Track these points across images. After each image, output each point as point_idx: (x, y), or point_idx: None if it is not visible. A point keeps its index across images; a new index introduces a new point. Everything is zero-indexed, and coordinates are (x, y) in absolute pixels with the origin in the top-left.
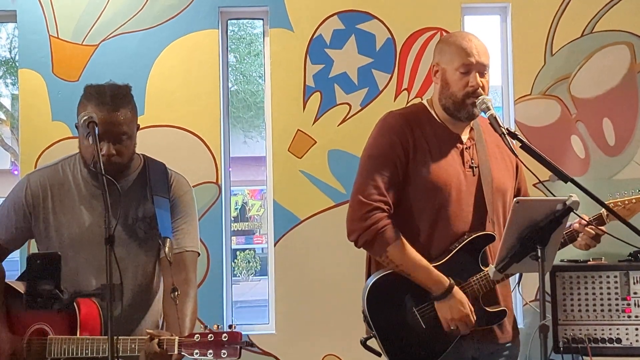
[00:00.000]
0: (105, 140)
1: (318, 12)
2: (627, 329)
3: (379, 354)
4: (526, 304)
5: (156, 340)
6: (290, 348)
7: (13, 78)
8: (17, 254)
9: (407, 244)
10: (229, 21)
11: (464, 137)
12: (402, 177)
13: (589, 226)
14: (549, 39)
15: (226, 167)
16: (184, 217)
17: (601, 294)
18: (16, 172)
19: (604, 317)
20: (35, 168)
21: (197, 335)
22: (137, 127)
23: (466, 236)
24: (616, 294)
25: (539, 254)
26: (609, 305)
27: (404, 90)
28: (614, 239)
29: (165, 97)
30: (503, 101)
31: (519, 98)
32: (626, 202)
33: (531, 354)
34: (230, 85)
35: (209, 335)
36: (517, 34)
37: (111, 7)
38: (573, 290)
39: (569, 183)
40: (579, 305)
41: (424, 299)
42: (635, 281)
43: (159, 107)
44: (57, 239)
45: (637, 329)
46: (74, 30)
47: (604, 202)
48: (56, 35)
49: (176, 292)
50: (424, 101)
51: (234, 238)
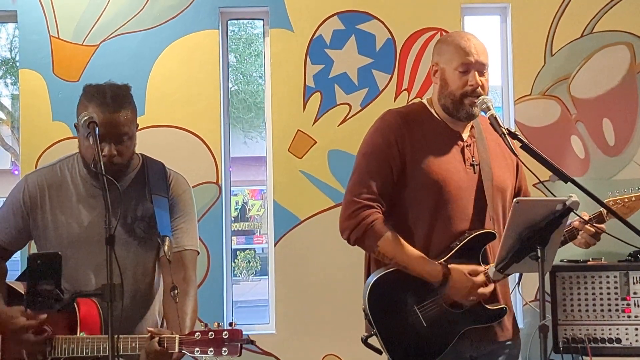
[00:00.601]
0: (106, 142)
1: (318, 13)
2: (626, 329)
3: (380, 352)
4: (526, 304)
5: (156, 339)
6: (291, 348)
7: (13, 78)
8: (17, 254)
9: (398, 236)
10: (229, 21)
11: (465, 134)
12: (396, 175)
13: (588, 224)
14: (549, 39)
15: (226, 167)
16: (183, 216)
17: (601, 294)
18: (16, 172)
19: (603, 317)
20: (36, 168)
21: (197, 334)
22: (137, 127)
23: (467, 234)
24: (616, 294)
25: (539, 254)
26: (609, 305)
27: (404, 90)
28: (614, 239)
29: (165, 98)
30: (503, 101)
31: (519, 98)
32: (626, 200)
33: (531, 354)
34: (230, 85)
35: (210, 333)
36: (517, 34)
37: (111, 7)
38: (573, 290)
39: (569, 183)
40: (579, 305)
41: (426, 297)
42: (635, 281)
43: (159, 107)
44: (55, 238)
45: (637, 329)
46: (75, 30)
47: (604, 202)
48: (57, 36)
49: (176, 291)
50: (424, 100)
51: (234, 238)
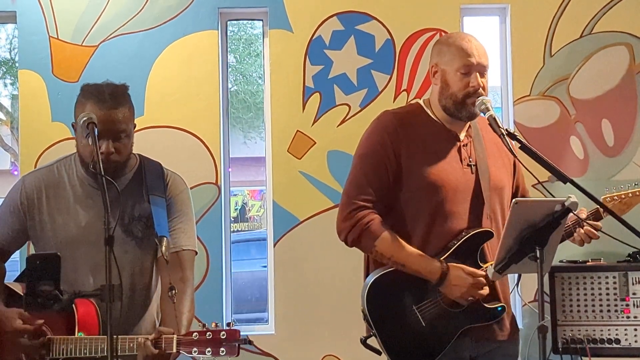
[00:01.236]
0: (104, 139)
1: (317, 13)
2: (626, 330)
3: (379, 353)
4: (525, 304)
5: (152, 343)
6: (290, 348)
7: (13, 78)
8: (17, 255)
9: (395, 236)
10: (228, 22)
11: (462, 135)
12: (392, 176)
13: (585, 225)
14: (548, 39)
15: (226, 167)
16: (180, 216)
17: (600, 294)
18: (16, 173)
19: (602, 317)
20: (35, 169)
21: (195, 334)
22: (134, 126)
23: (464, 233)
24: (615, 294)
25: (538, 255)
26: (608, 305)
27: (403, 91)
28: (613, 239)
29: (164, 98)
30: (502, 102)
31: (518, 99)
32: (622, 196)
33: (530, 355)
34: (229, 85)
35: (208, 333)
36: (516, 35)
37: (111, 8)
38: (572, 291)
39: (568, 184)
40: (578, 306)
41: (424, 296)
42: (634, 282)
43: (158, 108)
44: (53, 239)
45: (636, 330)
46: (74, 31)
47: (603, 204)
48: (56, 36)
49: (173, 291)
50: (420, 101)
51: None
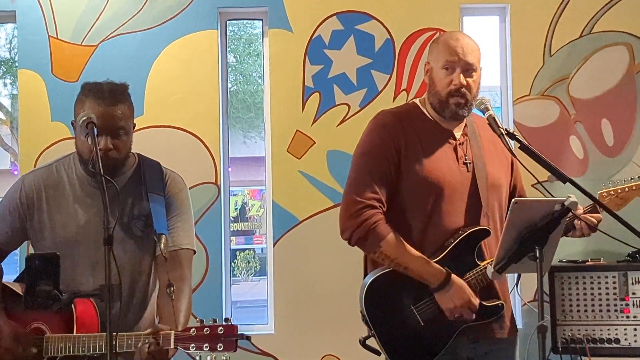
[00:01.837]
0: (103, 135)
1: (317, 13)
2: (625, 329)
3: (378, 353)
4: (525, 304)
5: (147, 344)
6: (289, 348)
7: (12, 78)
8: (16, 254)
9: (400, 238)
10: (228, 22)
11: (457, 133)
12: (394, 174)
13: (582, 218)
14: (548, 39)
15: (225, 167)
16: (179, 215)
17: (600, 294)
18: (16, 172)
19: (602, 317)
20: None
21: (193, 330)
22: (133, 125)
23: (461, 232)
24: (614, 294)
25: (537, 255)
26: (608, 305)
27: (402, 90)
28: (613, 239)
29: (164, 98)
30: (502, 101)
31: (518, 98)
32: (619, 191)
33: (529, 355)
34: (229, 85)
35: (205, 329)
36: (516, 35)
37: (110, 7)
38: (572, 291)
39: (568, 183)
40: (578, 306)
41: (422, 296)
42: (634, 281)
43: (158, 107)
44: (52, 238)
45: (636, 329)
46: (74, 30)
47: (603, 203)
48: (55, 36)
49: (172, 288)
50: (417, 100)
51: (233, 238)
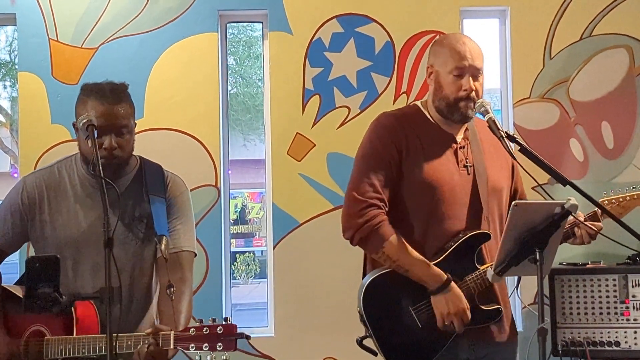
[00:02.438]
0: (107, 134)
1: (317, 16)
2: (625, 332)
3: (375, 354)
4: (525, 307)
5: (146, 345)
6: (289, 350)
7: (12, 80)
8: (16, 257)
9: (403, 240)
10: (228, 24)
11: (459, 137)
12: (395, 175)
13: (584, 225)
14: (548, 42)
15: (225, 169)
16: (180, 217)
17: (600, 297)
18: (16, 175)
19: (602, 320)
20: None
21: (192, 329)
22: (135, 124)
23: (461, 235)
24: (615, 297)
25: (538, 257)
26: (608, 308)
27: (402, 93)
28: (613, 241)
29: (164, 100)
30: (502, 104)
31: (518, 101)
32: (620, 200)
33: (530, 357)
34: (229, 88)
35: (205, 328)
36: (516, 37)
37: (111, 10)
38: (572, 293)
39: (568, 186)
40: (578, 309)
41: (420, 298)
42: (634, 284)
43: (158, 110)
44: (53, 239)
45: (636, 332)
46: (74, 33)
47: (603, 206)
48: (56, 38)
49: (172, 288)
50: (418, 103)
51: (233, 241)
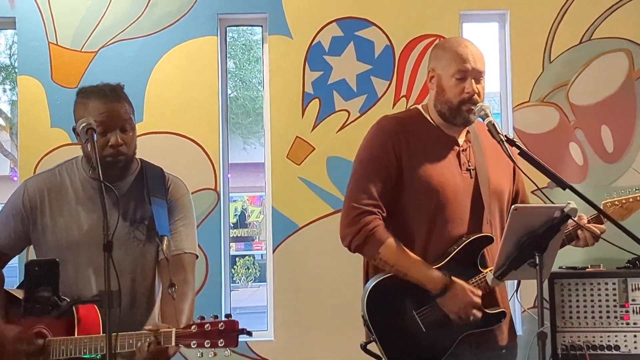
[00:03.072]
0: (112, 131)
1: (317, 19)
2: (625, 336)
3: (379, 358)
4: (524, 310)
5: (146, 344)
6: (288, 354)
7: (12, 84)
8: (15, 261)
9: (399, 243)
10: (227, 28)
11: (460, 140)
12: (394, 181)
13: (586, 228)
14: (548, 46)
15: (225, 173)
16: (181, 219)
17: (599, 301)
18: (15, 178)
19: (602, 324)
20: (34, 174)
21: (194, 326)
22: (135, 124)
23: (464, 238)
24: (614, 301)
25: (537, 261)
26: (608, 312)
27: (402, 97)
28: (613, 246)
29: (164, 104)
30: (501, 108)
31: (518, 105)
32: (623, 202)
33: None
34: (229, 91)
35: (206, 325)
36: (515, 41)
37: (110, 13)
38: (571, 297)
39: (567, 190)
40: (578, 312)
41: (424, 301)
42: (634, 288)
43: (157, 113)
44: (54, 242)
45: (636, 336)
46: (73, 36)
47: (603, 210)
48: (55, 42)
49: (173, 288)
50: (419, 106)
51: (233, 244)
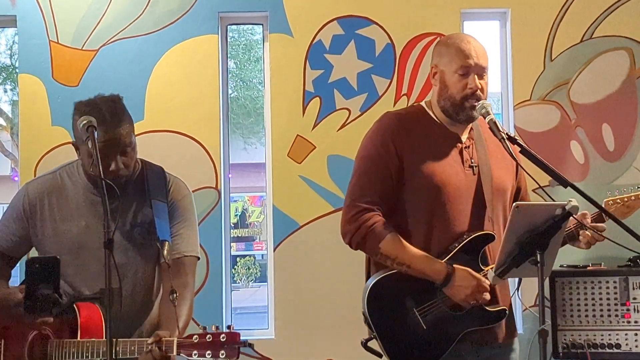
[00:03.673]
0: (112, 157)
1: (317, 18)
2: (626, 335)
3: (379, 355)
4: (526, 309)
5: (152, 351)
6: (290, 353)
7: (13, 84)
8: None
9: (399, 237)
10: (228, 26)
11: (464, 136)
12: (395, 178)
13: (588, 229)
14: (549, 44)
15: (226, 172)
16: (182, 222)
17: (600, 299)
18: (16, 179)
19: (603, 322)
20: (35, 173)
21: (195, 336)
22: (135, 136)
23: (465, 236)
24: (615, 299)
25: (539, 259)
26: (609, 310)
27: (403, 95)
28: (614, 244)
29: (164, 103)
30: (502, 106)
31: (519, 103)
32: (625, 200)
33: (530, 359)
34: (229, 91)
35: (208, 336)
36: (516, 40)
37: (111, 12)
38: (572, 296)
39: (569, 188)
40: (579, 311)
41: (425, 299)
42: (635, 286)
43: (158, 112)
44: (56, 245)
45: (637, 335)
46: (74, 35)
47: (604, 208)
48: (56, 40)
49: (175, 295)
50: (422, 103)
51: (234, 244)
